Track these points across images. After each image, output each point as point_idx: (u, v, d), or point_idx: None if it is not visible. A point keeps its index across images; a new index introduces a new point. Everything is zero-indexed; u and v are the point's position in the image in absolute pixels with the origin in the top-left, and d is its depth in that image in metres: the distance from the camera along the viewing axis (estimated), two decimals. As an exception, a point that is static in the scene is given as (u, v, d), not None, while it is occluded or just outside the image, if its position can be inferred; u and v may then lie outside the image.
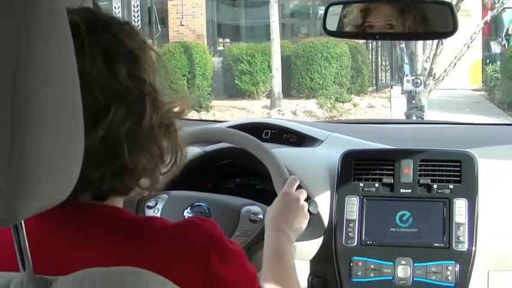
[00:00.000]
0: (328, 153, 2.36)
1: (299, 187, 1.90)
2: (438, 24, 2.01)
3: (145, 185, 1.16)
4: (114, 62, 1.07)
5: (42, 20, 0.78)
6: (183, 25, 18.65)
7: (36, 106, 0.77)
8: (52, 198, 0.84)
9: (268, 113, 13.68)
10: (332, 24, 2.11)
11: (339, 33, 2.17)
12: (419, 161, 2.23)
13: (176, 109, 1.17)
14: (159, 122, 1.12)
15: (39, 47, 0.78)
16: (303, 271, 2.26)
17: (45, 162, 0.80)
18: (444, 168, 2.21)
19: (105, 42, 1.08)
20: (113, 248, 1.07)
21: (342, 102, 14.10)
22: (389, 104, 14.60)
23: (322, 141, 2.50)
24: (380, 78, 16.64)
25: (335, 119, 12.58)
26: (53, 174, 0.82)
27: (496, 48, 17.50)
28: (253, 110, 14.20)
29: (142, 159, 1.10)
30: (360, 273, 2.12)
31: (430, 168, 2.22)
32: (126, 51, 1.10)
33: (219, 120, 5.66)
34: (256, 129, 2.46)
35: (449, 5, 2.08)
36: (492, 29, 17.67)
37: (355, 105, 14.27)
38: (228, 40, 19.64)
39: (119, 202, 1.17)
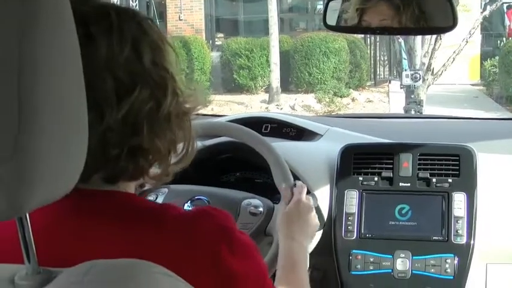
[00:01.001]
0: (327, 147, 2.37)
1: (298, 180, 1.91)
2: (438, 19, 2.01)
3: (154, 174, 1.18)
4: (140, 48, 1.11)
5: (47, 14, 0.78)
6: (181, 20, 18.61)
7: (42, 96, 0.77)
8: (58, 189, 0.83)
9: (267, 108, 13.68)
10: (332, 19, 2.12)
11: (339, 28, 2.17)
12: (419, 155, 2.24)
13: (192, 101, 1.20)
14: (176, 111, 1.15)
15: (44, 40, 0.78)
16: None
17: (51, 152, 0.79)
18: (443, 162, 2.22)
19: (133, 28, 1.12)
20: (127, 235, 1.09)
21: (340, 96, 14.10)
22: (387, 99, 14.60)
23: (322, 135, 2.50)
24: (378, 73, 16.65)
25: (333, 113, 12.57)
26: (58, 165, 0.81)
27: (494, 43, 17.53)
28: (252, 105, 14.20)
29: (158, 143, 1.12)
30: (359, 266, 2.13)
31: (429, 162, 2.23)
32: (150, 41, 1.15)
33: (217, 114, 5.66)
34: (256, 123, 2.47)
35: (449, -1, 2.09)
36: (491, 24, 17.66)
37: (353, 99, 14.27)
38: (222, 35, 19.59)
39: (130, 187, 1.19)
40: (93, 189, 1.12)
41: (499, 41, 17.25)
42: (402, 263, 2.11)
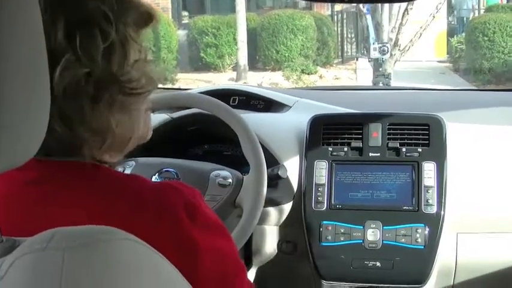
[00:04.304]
0: (296, 118, 2.35)
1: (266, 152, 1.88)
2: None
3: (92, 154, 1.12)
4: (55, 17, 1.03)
5: None
6: (147, -2, 18.46)
7: (3, 63, 0.75)
8: (20, 155, 0.81)
9: (235, 86, 13.64)
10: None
11: (308, -3, 2.15)
12: (388, 125, 2.23)
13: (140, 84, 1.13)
14: (109, 89, 1.06)
15: (8, 11, 0.76)
16: (272, 237, 2.25)
17: (13, 118, 0.77)
18: (413, 131, 2.21)
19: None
20: (92, 204, 1.06)
21: (308, 74, 14.09)
22: (354, 76, 14.63)
23: (290, 107, 2.48)
24: (346, 50, 16.64)
25: (301, 89, 12.58)
26: (20, 131, 0.80)
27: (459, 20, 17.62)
28: (219, 83, 14.14)
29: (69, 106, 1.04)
30: (329, 237, 2.12)
31: (398, 131, 2.22)
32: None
33: (185, 88, 5.63)
34: (223, 95, 2.43)
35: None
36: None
37: (321, 77, 14.26)
38: (186, 13, 19.45)
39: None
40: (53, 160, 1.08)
41: (465, 18, 17.32)
42: (373, 234, 2.10)
